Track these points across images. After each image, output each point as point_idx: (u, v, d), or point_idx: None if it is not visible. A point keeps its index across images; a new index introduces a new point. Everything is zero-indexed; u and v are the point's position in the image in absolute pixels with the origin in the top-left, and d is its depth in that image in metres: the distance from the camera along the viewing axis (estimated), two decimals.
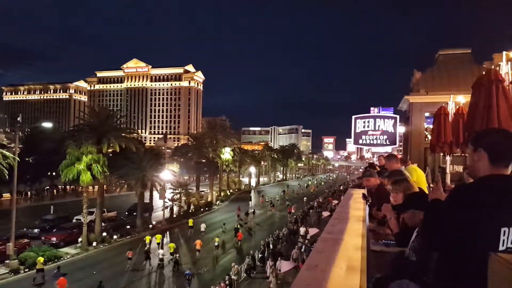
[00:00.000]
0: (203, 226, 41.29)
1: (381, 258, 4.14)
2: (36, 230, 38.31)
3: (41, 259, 26.19)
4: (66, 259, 30.82)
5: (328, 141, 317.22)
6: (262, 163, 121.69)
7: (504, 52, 7.28)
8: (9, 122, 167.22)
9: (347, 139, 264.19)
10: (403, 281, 2.50)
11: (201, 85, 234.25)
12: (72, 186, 71.59)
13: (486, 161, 2.15)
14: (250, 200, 69.66)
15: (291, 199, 73.19)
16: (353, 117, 30.48)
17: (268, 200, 68.48)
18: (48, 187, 73.57)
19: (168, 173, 48.36)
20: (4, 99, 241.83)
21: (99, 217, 37.65)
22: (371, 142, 29.66)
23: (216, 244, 33.41)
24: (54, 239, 34.89)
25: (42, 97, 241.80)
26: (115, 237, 37.96)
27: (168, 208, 50.80)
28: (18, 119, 46.99)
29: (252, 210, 55.37)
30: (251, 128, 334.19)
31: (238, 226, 41.16)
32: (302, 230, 37.61)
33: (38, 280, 24.27)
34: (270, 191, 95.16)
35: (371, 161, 25.92)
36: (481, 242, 1.92)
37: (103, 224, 38.77)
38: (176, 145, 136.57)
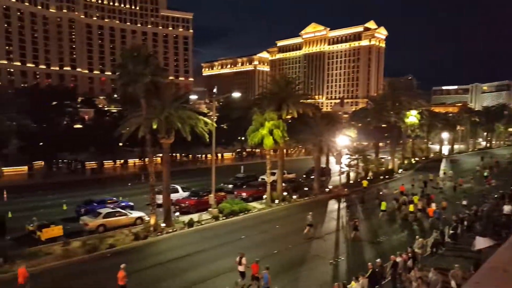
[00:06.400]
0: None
1: None
2: (230, 186, 46.50)
3: None
4: (253, 212, 36.34)
5: None
6: (458, 127, 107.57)
7: None
8: (207, 94, 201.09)
9: None
10: None
11: (383, 42, 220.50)
12: (258, 150, 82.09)
13: None
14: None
15: None
16: None
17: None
18: (239, 150, 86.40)
19: (345, 138, 48.95)
20: (203, 74, 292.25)
21: (280, 178, 42.17)
22: None
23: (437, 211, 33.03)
24: (244, 194, 41.52)
25: (232, 70, 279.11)
26: (294, 197, 41.98)
27: (345, 174, 52.05)
28: (214, 91, 56.40)
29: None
30: (444, 87, 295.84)
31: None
32: (507, 208, 32.26)
33: None
34: (467, 160, 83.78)
35: None
36: None
37: (283, 184, 43.21)
38: (353, 109, 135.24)
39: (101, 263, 23.17)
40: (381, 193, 43.24)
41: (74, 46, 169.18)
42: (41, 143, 54.73)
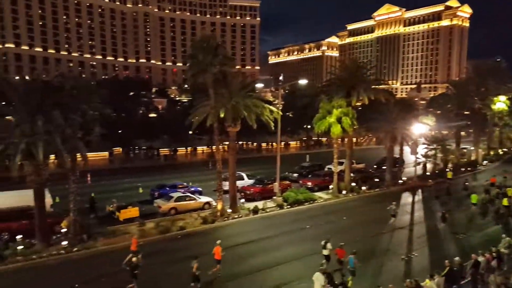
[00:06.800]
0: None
1: None
2: (295, 175, 46.37)
3: None
4: (319, 202, 35.85)
5: None
6: None
7: None
8: (273, 82, 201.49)
9: None
10: None
11: (467, 22, 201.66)
12: (325, 139, 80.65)
13: None
14: None
15: None
16: None
17: None
18: (305, 138, 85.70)
19: (421, 126, 45.98)
20: (269, 62, 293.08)
21: (348, 168, 40.92)
22: None
23: None
24: (309, 183, 41.14)
25: (299, 57, 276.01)
26: (363, 188, 40.54)
27: (421, 165, 48.98)
28: (280, 78, 56.26)
29: None
30: None
31: None
32: None
33: None
34: None
35: None
36: None
37: (352, 174, 41.89)
38: (432, 95, 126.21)
39: (172, 244, 24.63)
40: (466, 183, 40.75)
41: (148, 39, 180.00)
42: (120, 131, 59.34)
